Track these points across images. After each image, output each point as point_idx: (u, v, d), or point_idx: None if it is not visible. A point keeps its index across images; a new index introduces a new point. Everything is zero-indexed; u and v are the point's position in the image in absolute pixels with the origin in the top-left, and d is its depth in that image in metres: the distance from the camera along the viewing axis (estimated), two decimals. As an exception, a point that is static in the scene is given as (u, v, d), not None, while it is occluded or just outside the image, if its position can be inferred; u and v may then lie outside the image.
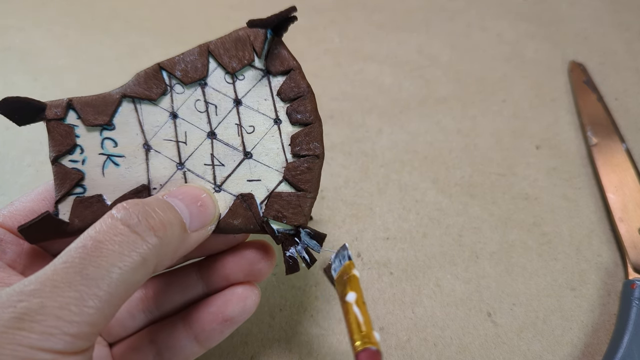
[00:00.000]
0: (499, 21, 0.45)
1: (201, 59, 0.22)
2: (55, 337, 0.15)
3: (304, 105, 0.22)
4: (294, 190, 0.22)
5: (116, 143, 0.22)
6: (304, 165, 0.21)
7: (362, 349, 0.18)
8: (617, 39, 0.43)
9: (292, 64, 0.22)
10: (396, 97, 0.39)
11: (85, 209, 0.21)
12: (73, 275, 0.15)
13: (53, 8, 0.47)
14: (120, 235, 0.17)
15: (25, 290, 0.15)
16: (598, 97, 0.38)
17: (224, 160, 0.22)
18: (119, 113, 0.22)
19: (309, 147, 0.21)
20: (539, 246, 0.31)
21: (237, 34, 0.22)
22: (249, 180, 0.22)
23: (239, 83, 0.22)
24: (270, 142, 0.22)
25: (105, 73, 0.42)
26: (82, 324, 0.15)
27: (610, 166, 0.34)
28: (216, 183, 0.22)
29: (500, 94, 0.40)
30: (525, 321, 0.28)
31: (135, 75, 0.22)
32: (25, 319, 0.14)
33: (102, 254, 0.16)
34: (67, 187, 0.21)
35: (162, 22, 0.46)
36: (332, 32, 0.45)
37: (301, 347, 0.27)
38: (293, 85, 0.22)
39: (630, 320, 0.26)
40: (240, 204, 0.22)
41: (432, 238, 0.31)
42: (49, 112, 0.21)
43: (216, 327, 0.22)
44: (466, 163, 0.35)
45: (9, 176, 0.35)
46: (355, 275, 0.20)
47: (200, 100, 0.22)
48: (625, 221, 0.31)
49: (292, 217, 0.21)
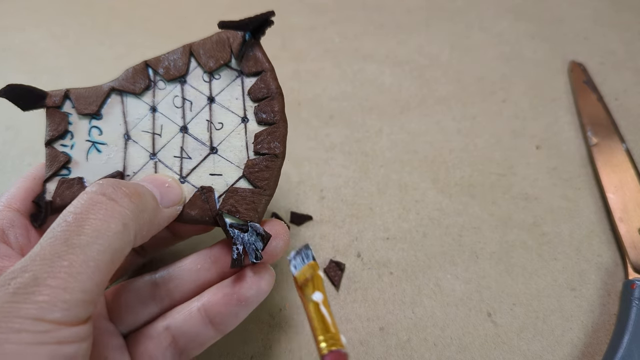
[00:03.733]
0: (499, 21, 0.45)
1: (183, 58, 0.23)
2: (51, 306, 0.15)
3: (271, 105, 0.22)
4: (251, 187, 0.22)
5: (101, 131, 0.24)
6: (262, 163, 0.22)
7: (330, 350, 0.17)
8: (617, 39, 0.43)
9: (265, 66, 0.22)
10: (396, 97, 0.39)
11: (67, 189, 0.23)
12: (60, 246, 0.16)
13: (53, 8, 0.47)
14: (99, 204, 0.18)
15: (17, 268, 0.16)
16: (598, 97, 0.38)
17: (191, 154, 0.23)
18: (107, 104, 0.24)
19: (270, 146, 0.22)
20: (539, 246, 0.31)
21: (219, 36, 0.23)
22: (211, 174, 0.23)
23: (215, 82, 0.23)
24: (236, 139, 0.23)
25: (105, 73, 0.41)
26: (75, 290, 0.15)
27: (610, 166, 0.34)
28: (182, 174, 0.23)
29: (500, 94, 0.40)
30: (525, 321, 0.28)
31: (125, 71, 0.24)
32: (19, 292, 0.15)
33: (85, 224, 0.17)
34: (55, 168, 0.23)
35: (161, 22, 0.46)
36: (332, 32, 0.45)
37: (301, 347, 0.27)
38: (262, 86, 0.22)
39: (630, 320, 0.26)
40: (199, 195, 0.22)
41: (432, 238, 0.31)
42: (49, 100, 0.24)
43: (232, 308, 0.22)
44: (466, 163, 0.35)
45: (9, 176, 0.35)
46: (320, 276, 0.20)
47: (179, 96, 0.23)
48: (625, 221, 0.31)
49: (245, 212, 0.22)
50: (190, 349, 0.23)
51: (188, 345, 0.23)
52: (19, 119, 0.38)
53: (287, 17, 0.46)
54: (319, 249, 0.31)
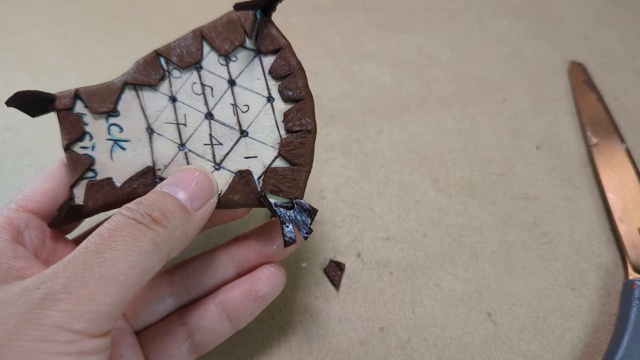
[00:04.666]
0: (499, 21, 0.45)
1: (195, 44, 0.23)
2: (77, 315, 0.15)
3: (295, 82, 0.22)
4: (289, 165, 0.22)
5: (121, 128, 0.23)
6: (297, 140, 0.22)
7: None
8: (617, 39, 0.43)
9: (281, 42, 0.22)
10: (396, 97, 0.39)
11: (97, 191, 0.22)
12: (92, 258, 0.16)
13: (53, 8, 0.47)
14: (131, 226, 0.18)
15: (48, 274, 0.16)
16: (598, 97, 0.38)
17: (222, 140, 0.23)
18: (122, 100, 0.23)
19: (301, 123, 0.22)
20: (539, 246, 0.31)
21: (228, 17, 0.22)
22: (246, 157, 0.23)
23: (232, 64, 0.23)
24: (265, 119, 0.22)
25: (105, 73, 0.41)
26: (102, 303, 0.16)
27: (610, 166, 0.33)
28: (216, 161, 0.23)
29: (500, 94, 0.40)
30: (525, 321, 0.28)
31: (134, 63, 0.23)
32: (48, 298, 0.15)
33: (118, 240, 0.17)
34: (80, 172, 0.22)
35: (161, 22, 0.46)
36: (332, 32, 0.45)
37: (301, 347, 0.27)
38: (283, 63, 0.22)
39: (630, 320, 0.26)
40: (238, 180, 0.22)
41: (432, 238, 0.31)
42: (58, 103, 0.22)
43: (249, 304, 0.23)
44: (466, 163, 0.35)
45: (8, 176, 0.35)
46: None
47: (197, 83, 0.23)
48: (625, 221, 0.31)
49: (288, 190, 0.22)
50: (206, 344, 0.24)
51: (204, 340, 0.23)
52: (19, 119, 0.38)
53: (287, 17, 0.46)
54: (319, 249, 0.31)
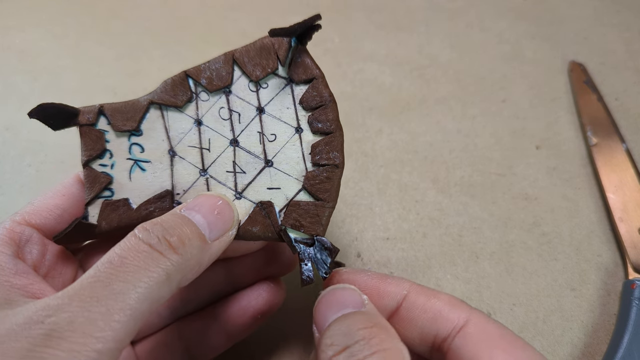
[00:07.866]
0: (499, 21, 0.45)
1: (226, 67, 0.22)
2: (82, 354, 0.14)
3: (326, 114, 0.21)
4: (313, 200, 0.21)
5: (143, 148, 0.22)
6: (323, 174, 0.21)
7: None
8: (617, 39, 0.43)
9: (315, 72, 0.21)
10: (396, 97, 0.39)
11: (112, 212, 0.22)
12: (101, 290, 0.16)
13: (53, 8, 0.47)
14: (144, 252, 0.17)
15: (53, 305, 0.15)
16: (598, 97, 0.38)
17: (245, 168, 0.22)
18: (147, 119, 0.22)
19: (329, 157, 0.21)
20: (539, 246, 0.31)
21: (262, 42, 0.22)
22: (269, 188, 0.22)
23: (263, 91, 0.22)
24: (291, 150, 0.22)
25: (105, 73, 0.42)
26: (108, 339, 0.15)
27: (610, 166, 0.33)
28: (237, 190, 0.22)
29: (500, 94, 0.40)
30: (525, 321, 0.28)
31: (162, 83, 0.22)
32: (53, 336, 0.14)
33: (128, 270, 0.16)
34: (97, 190, 0.22)
35: (162, 22, 0.46)
36: (332, 32, 0.45)
37: (301, 347, 0.27)
38: (315, 94, 0.21)
39: (630, 320, 0.26)
40: (259, 211, 0.21)
41: (432, 238, 0.31)
42: (81, 118, 0.22)
43: (247, 321, 0.23)
44: (466, 163, 0.35)
45: (9, 176, 0.35)
46: None
47: (225, 107, 0.22)
48: (625, 221, 0.31)
49: (309, 226, 0.21)
50: (202, 355, 0.23)
51: (201, 353, 0.23)
52: (19, 119, 0.38)
53: (287, 17, 0.45)
54: (319, 249, 0.31)
